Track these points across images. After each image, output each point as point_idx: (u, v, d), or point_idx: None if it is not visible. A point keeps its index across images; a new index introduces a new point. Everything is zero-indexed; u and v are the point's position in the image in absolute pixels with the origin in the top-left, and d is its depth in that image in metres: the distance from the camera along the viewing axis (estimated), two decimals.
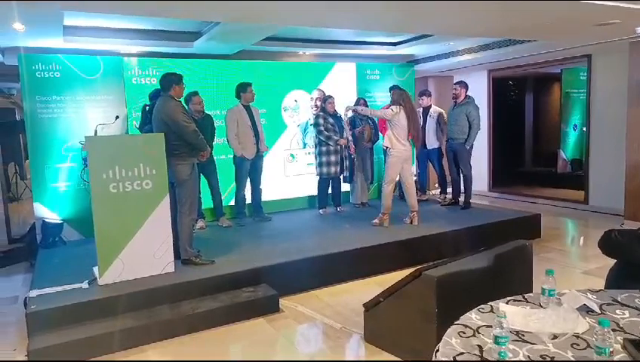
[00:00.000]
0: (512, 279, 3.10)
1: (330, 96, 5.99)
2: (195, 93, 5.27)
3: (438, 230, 5.14)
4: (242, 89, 5.45)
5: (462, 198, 6.32)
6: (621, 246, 2.07)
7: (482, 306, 1.86)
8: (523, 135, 10.16)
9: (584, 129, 7.60)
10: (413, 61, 7.65)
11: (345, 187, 6.52)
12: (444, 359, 1.43)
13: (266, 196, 5.98)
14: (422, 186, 7.00)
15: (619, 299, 1.87)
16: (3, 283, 4.90)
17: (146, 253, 3.82)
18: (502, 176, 9.05)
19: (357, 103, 6.17)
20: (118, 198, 3.69)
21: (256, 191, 5.80)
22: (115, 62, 5.48)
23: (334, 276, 4.36)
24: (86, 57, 5.35)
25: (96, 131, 4.74)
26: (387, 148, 5.23)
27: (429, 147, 6.63)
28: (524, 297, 1.94)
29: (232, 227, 5.65)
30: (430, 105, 6.64)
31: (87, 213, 5.18)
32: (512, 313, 1.73)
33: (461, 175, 6.24)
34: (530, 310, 1.79)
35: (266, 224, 5.74)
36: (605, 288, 2.16)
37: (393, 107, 5.17)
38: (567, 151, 9.25)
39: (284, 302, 3.91)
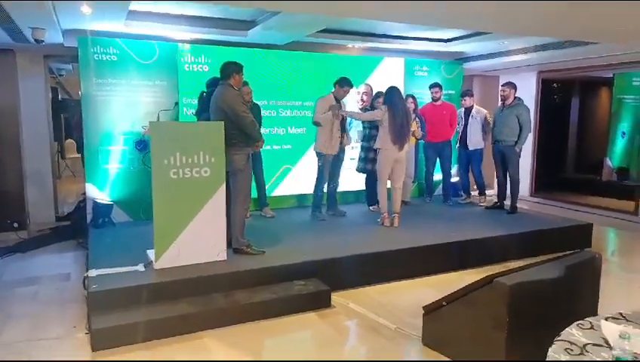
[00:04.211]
0: (581, 292, 3.01)
1: (379, 94, 5.89)
2: (245, 83, 5.23)
3: (487, 234, 5.04)
4: (338, 82, 5.45)
5: (507, 202, 6.18)
6: None
7: (581, 322, 1.78)
8: (566, 140, 9.88)
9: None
10: (462, 59, 7.49)
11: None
12: None
13: (308, 189, 5.94)
14: (465, 188, 6.86)
15: None
16: (54, 259, 5.03)
17: (201, 240, 3.85)
18: (543, 181, 8.82)
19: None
20: (178, 184, 3.72)
21: (333, 185, 5.77)
22: (170, 48, 5.51)
23: (383, 274, 4.32)
24: (142, 42, 5.40)
25: (158, 116, 4.78)
26: (378, 149, 5.20)
27: (470, 148, 6.48)
28: (621, 315, 1.86)
29: (274, 217, 5.67)
30: (472, 106, 6.50)
31: (136, 196, 5.36)
32: (615, 331, 1.65)
33: (508, 178, 6.09)
34: (634, 329, 1.71)
35: (307, 216, 5.71)
36: None
37: (382, 107, 5.15)
38: (614, 158, 8.95)
39: (334, 297, 3.88)
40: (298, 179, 6.26)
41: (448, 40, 6.63)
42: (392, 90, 5.19)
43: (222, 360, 3.00)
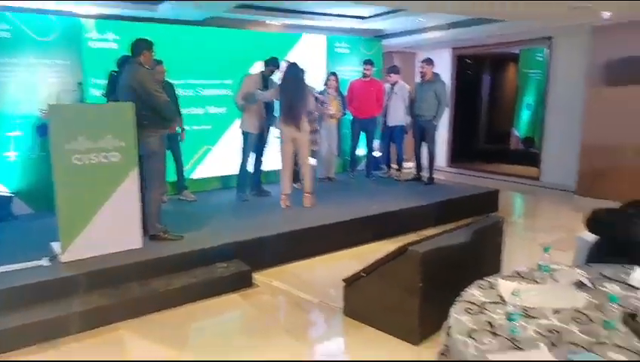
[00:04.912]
0: (487, 253, 3.21)
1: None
2: (159, 62, 4.97)
3: (406, 205, 5.22)
4: (264, 62, 5.34)
5: (424, 174, 6.44)
6: (608, 225, 2.17)
7: (481, 282, 1.89)
8: (479, 112, 10.46)
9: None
10: (380, 36, 7.60)
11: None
12: (460, 336, 1.44)
13: (232, 170, 5.82)
14: (386, 162, 7.02)
15: (605, 274, 1.96)
16: None
17: (112, 229, 3.63)
18: (458, 151, 9.31)
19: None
20: (83, 171, 3.46)
21: (257, 165, 5.65)
22: (71, 23, 5.06)
23: (306, 250, 4.34)
24: (39, 17, 4.90)
25: (57, 98, 4.41)
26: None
27: (390, 124, 6.52)
28: (517, 273, 1.99)
29: (196, 201, 5.50)
30: (397, 82, 6.53)
31: (39, 186, 4.95)
32: (510, 289, 1.77)
33: (427, 152, 6.30)
34: (527, 285, 1.84)
35: (230, 197, 5.60)
36: (587, 262, 2.27)
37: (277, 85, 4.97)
38: (520, 129, 9.62)
39: (257, 277, 3.86)
40: (220, 159, 6.10)
41: (366, 17, 6.69)
42: (287, 68, 4.98)
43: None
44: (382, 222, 4.86)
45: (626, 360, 1.33)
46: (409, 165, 7.60)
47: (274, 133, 5.76)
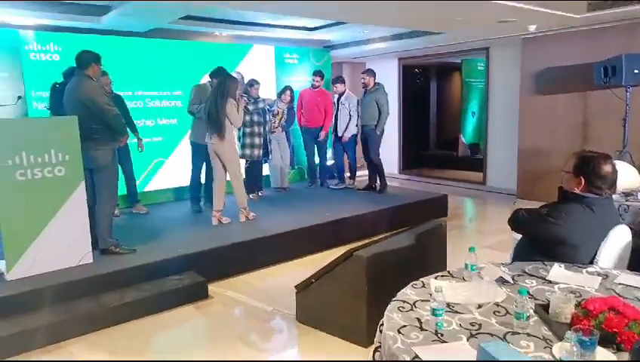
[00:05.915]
0: (431, 255, 3.40)
1: (256, 82, 5.93)
2: (104, 73, 4.93)
3: (358, 212, 5.38)
4: (210, 73, 5.27)
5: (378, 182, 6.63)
6: (526, 223, 2.39)
7: (415, 282, 2.04)
8: (428, 120, 10.87)
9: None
10: (329, 46, 7.81)
11: (265, 170, 6.55)
12: (390, 332, 1.58)
13: (185, 181, 5.80)
14: (338, 173, 7.14)
15: (526, 270, 2.16)
16: None
17: (60, 244, 3.60)
18: (410, 159, 9.64)
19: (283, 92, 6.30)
20: (27, 186, 3.43)
21: (209, 175, 5.57)
22: (9, 35, 4.94)
23: (261, 260, 4.41)
24: None
25: None
26: None
27: (339, 134, 6.58)
28: (449, 272, 2.16)
29: (149, 213, 5.47)
30: (344, 92, 6.57)
31: None
32: (442, 287, 1.93)
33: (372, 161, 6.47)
34: (456, 283, 2.01)
35: (184, 209, 5.59)
36: (513, 260, 2.48)
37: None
38: (466, 136, 10.07)
39: (212, 288, 3.90)
40: (173, 171, 6.09)
41: (313, 28, 6.86)
42: (218, 75, 4.83)
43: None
44: (336, 230, 5.00)
45: (533, 346, 1.50)
46: (363, 172, 7.79)
47: None
